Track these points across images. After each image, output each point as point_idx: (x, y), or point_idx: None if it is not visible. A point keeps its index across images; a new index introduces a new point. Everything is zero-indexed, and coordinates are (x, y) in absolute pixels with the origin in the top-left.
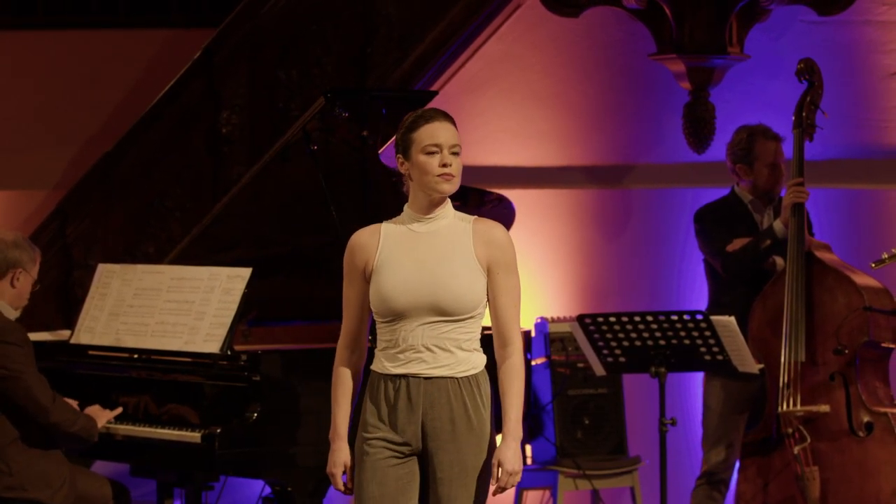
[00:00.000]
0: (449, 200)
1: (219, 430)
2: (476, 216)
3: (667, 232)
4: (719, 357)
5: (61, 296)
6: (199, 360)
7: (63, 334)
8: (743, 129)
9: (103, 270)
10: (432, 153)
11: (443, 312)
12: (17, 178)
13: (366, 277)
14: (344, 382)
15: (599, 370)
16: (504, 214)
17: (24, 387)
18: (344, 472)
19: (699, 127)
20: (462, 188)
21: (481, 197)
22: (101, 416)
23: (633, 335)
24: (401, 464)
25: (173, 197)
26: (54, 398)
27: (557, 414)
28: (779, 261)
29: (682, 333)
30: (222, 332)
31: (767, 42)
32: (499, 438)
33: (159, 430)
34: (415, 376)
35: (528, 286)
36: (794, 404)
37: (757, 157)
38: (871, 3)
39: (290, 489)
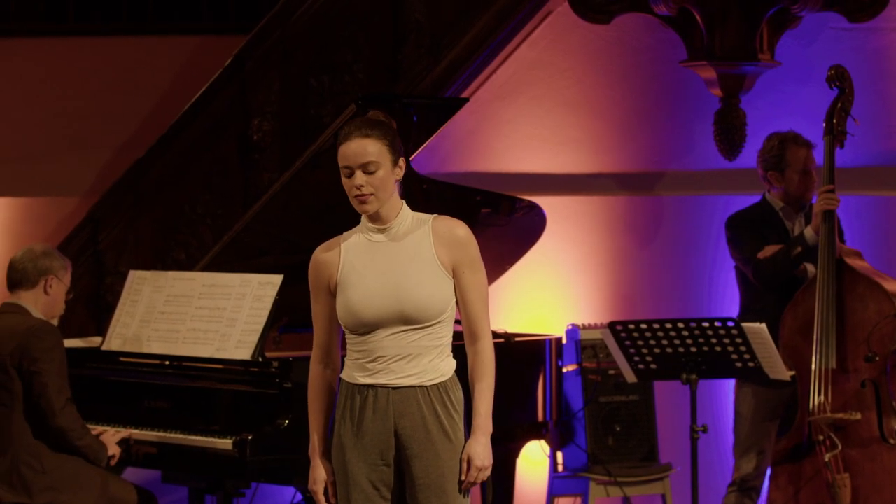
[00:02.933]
0: (405, 205)
1: (250, 437)
2: (435, 215)
3: (698, 239)
4: (750, 364)
5: (93, 302)
6: (230, 367)
7: (95, 341)
8: (774, 136)
9: (134, 277)
10: (348, 176)
11: (410, 321)
12: (48, 185)
13: (331, 292)
14: (319, 398)
15: (631, 377)
16: (535, 222)
17: (41, 383)
18: (326, 488)
19: (730, 134)
20: (493, 195)
21: (512, 204)
22: (110, 442)
23: (665, 342)
24: (376, 473)
25: (204, 204)
26: (65, 405)
27: (589, 421)
28: (810, 268)
29: (714, 340)
30: (254, 339)
31: (798, 49)
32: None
33: (190, 437)
34: (383, 386)
35: (559, 293)
36: (825, 411)
37: (788, 164)
38: None
39: None
